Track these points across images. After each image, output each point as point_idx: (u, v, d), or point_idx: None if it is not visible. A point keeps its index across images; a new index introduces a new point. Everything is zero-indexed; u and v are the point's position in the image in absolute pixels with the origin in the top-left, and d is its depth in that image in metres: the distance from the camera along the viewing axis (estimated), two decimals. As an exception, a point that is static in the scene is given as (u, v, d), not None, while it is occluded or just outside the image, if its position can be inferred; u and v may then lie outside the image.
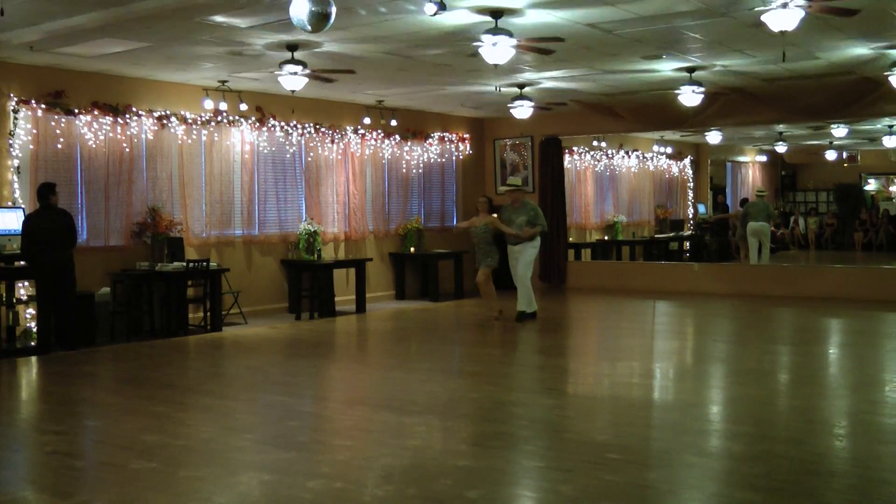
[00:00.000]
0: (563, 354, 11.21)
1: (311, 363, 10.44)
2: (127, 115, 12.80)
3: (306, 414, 7.91)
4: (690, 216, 25.34)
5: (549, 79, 13.79)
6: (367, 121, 16.17)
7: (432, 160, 18.03)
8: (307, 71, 11.28)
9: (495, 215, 13.10)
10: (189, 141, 13.64)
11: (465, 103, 16.75)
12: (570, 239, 19.84)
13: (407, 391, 8.70)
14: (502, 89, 14.61)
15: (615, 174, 22.50)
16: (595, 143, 21.20)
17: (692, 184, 25.62)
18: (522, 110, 14.66)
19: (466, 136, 18.82)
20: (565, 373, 9.88)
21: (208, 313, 13.07)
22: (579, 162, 21.17)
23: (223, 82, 13.50)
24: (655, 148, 23.82)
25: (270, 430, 7.16)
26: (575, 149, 20.86)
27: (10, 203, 11.67)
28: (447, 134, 18.33)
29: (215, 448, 6.59)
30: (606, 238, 21.84)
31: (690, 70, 12.94)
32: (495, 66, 10.37)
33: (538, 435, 6.96)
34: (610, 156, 22.14)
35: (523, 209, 13.10)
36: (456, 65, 12.46)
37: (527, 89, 14.55)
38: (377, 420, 7.47)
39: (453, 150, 18.57)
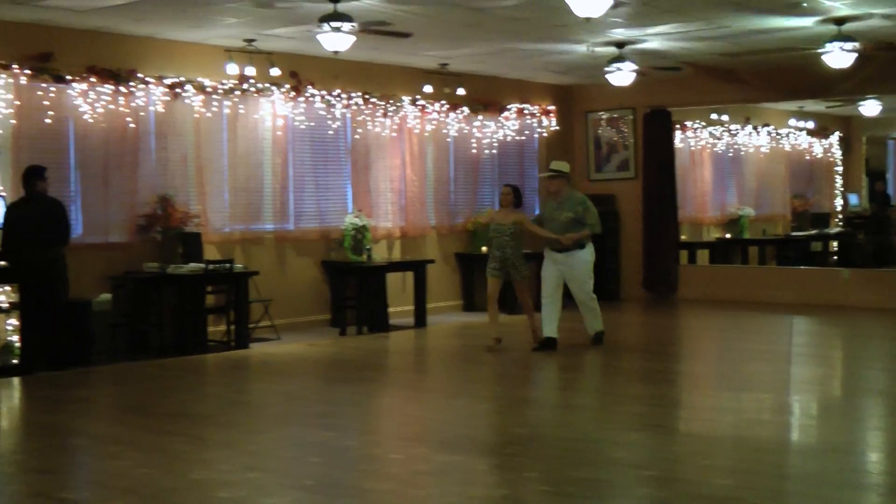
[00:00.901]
0: (672, 383, 11.12)
1: (357, 390, 10.47)
2: (131, 83, 12.92)
3: (351, 453, 7.90)
4: (838, 209, 24.97)
5: (656, 36, 13.67)
6: (427, 89, 16.19)
7: (509, 138, 17.98)
8: (354, 27, 11.29)
9: (520, 212, 12.54)
10: (208, 114, 13.75)
11: (549, 67, 16.68)
12: (682, 237, 19.67)
13: (475, 426, 8.67)
14: (596, 49, 14.53)
15: (739, 156, 22.25)
16: (714, 116, 20.99)
17: (841, 168, 25.24)
18: (621, 76, 14.56)
19: (551, 108, 18.74)
20: (675, 406, 9.82)
21: (232, 326, 13.17)
22: (694, 140, 20.96)
23: (250, 42, 13.58)
24: (792, 122, 23.51)
25: (306, 473, 7.17)
26: (688, 124, 20.66)
27: (-15, 190, 11.88)
28: (527, 106, 18.27)
29: (239, 494, 6.61)
30: (728, 236, 21.62)
31: (839, 22, 12.73)
32: (587, 19, 10.29)
33: (639, 483, 6.89)
34: (733, 132, 21.91)
35: (568, 203, 12.29)
36: (537, 18, 12.39)
37: (627, 49, 14.44)
38: (438, 461, 7.45)
39: (535, 125, 18.50)
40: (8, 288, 11.81)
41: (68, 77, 12.40)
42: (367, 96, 15.56)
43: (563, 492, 6.59)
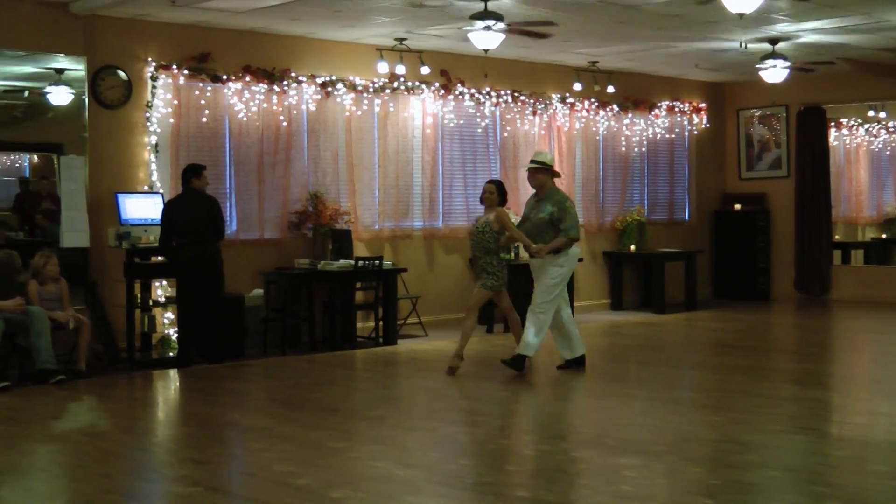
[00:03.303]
0: (825, 385, 10.90)
1: (502, 387, 10.47)
2: (285, 82, 13.17)
3: (496, 450, 7.93)
4: None
5: (811, 31, 13.41)
6: (577, 87, 16.12)
7: (658, 136, 17.82)
8: (504, 26, 11.29)
9: (507, 209, 11.32)
10: (359, 112, 13.92)
11: (700, 64, 16.49)
12: (836, 237, 19.29)
13: (621, 425, 8.62)
14: (749, 45, 14.30)
15: (898, 154, 21.73)
16: (871, 113, 20.50)
17: None
18: (774, 72, 14.34)
19: (702, 105, 18.51)
20: (827, 409, 9.62)
21: (380, 322, 13.30)
22: (849, 138, 20.52)
23: (401, 41, 13.70)
24: (953, 120, 22.86)
25: (452, 469, 7.22)
26: (844, 121, 20.24)
27: (146, 187, 12.20)
28: (677, 103, 18.08)
29: (386, 489, 6.68)
30: (885, 236, 21.11)
31: None
32: (740, 15, 10.14)
33: (790, 487, 6.80)
34: (891, 130, 21.37)
35: (548, 200, 10.96)
36: (689, 15, 12.26)
37: (781, 45, 14.19)
38: (584, 460, 7.44)
39: (685, 123, 18.30)
40: (166, 283, 12.15)
41: (225, 76, 12.70)
42: (516, 94, 15.58)
43: (712, 494, 6.51)
